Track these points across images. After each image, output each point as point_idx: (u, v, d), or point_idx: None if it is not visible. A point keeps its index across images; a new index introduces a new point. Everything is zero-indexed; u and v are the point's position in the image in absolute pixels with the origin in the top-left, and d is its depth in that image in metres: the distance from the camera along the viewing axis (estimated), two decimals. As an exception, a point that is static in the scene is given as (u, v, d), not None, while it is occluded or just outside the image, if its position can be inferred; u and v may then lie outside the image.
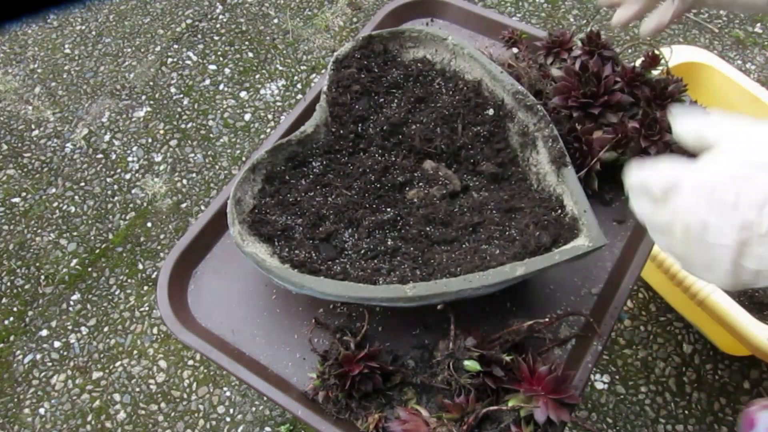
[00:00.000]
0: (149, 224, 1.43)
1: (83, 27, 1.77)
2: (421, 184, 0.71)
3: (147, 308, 1.32)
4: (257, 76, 1.64)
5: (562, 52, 0.73)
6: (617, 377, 1.18)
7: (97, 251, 1.40)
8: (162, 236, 1.41)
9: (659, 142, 0.65)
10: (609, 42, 0.73)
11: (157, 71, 1.67)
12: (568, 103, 0.69)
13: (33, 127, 1.59)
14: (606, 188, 0.71)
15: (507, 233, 0.64)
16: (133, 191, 1.48)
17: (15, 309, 1.34)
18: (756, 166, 0.36)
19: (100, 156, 1.53)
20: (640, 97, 0.68)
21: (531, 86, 0.73)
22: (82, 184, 1.49)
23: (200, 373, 1.24)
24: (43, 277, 1.37)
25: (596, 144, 0.67)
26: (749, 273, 0.37)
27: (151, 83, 1.65)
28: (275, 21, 1.75)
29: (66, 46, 1.74)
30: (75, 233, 1.42)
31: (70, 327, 1.31)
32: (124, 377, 1.25)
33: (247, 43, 1.71)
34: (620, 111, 0.68)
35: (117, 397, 1.23)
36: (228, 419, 1.19)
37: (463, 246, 0.64)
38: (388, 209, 0.69)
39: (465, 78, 0.74)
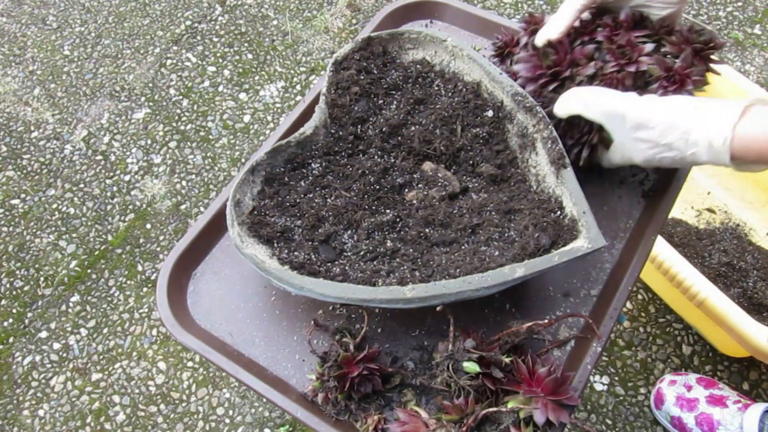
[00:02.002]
0: (148, 226, 1.43)
1: (82, 29, 1.77)
2: (420, 185, 0.71)
3: (146, 310, 1.32)
4: (256, 78, 1.65)
5: (512, 50, 0.72)
6: (616, 378, 1.18)
7: (97, 253, 1.40)
8: (161, 238, 1.41)
9: (635, 60, 0.64)
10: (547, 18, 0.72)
11: (156, 73, 1.67)
12: (540, 82, 0.67)
13: (32, 128, 1.59)
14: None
15: (506, 235, 0.64)
16: (132, 193, 1.48)
17: (14, 311, 1.34)
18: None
19: (99, 157, 1.53)
20: (602, 39, 0.67)
21: None
22: (82, 185, 1.49)
23: (200, 375, 1.24)
24: (42, 278, 1.37)
25: None
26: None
27: (150, 85, 1.65)
28: (274, 22, 1.75)
29: (65, 47, 1.74)
30: (74, 235, 1.42)
31: (69, 328, 1.31)
32: (123, 379, 1.25)
33: (246, 44, 1.71)
34: (591, 61, 0.66)
35: (116, 398, 1.23)
36: (227, 421, 1.19)
37: (463, 247, 0.64)
38: (388, 211, 0.69)
39: (464, 79, 0.74)
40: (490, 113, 0.71)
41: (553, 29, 0.66)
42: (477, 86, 0.73)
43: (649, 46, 0.64)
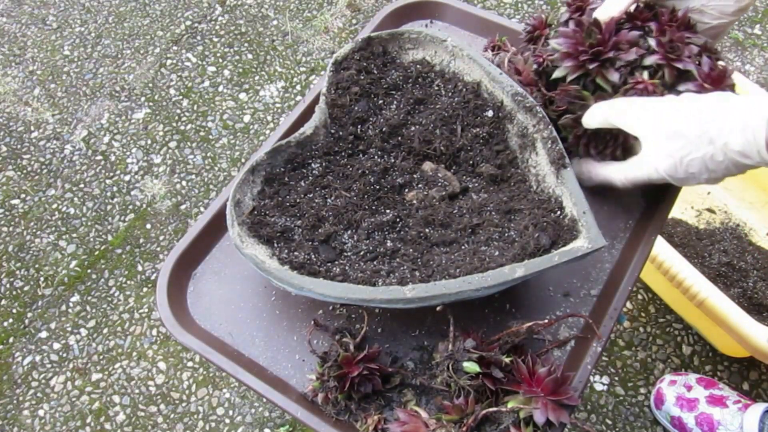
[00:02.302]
0: (148, 226, 1.43)
1: (82, 29, 1.77)
2: (420, 185, 0.71)
3: (146, 310, 1.32)
4: (256, 78, 1.64)
5: (542, 32, 0.73)
6: (616, 378, 1.18)
7: (97, 253, 1.40)
8: (161, 238, 1.41)
9: (683, 57, 0.63)
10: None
11: (156, 73, 1.67)
12: (581, 59, 0.65)
13: (32, 128, 1.59)
14: None
15: (506, 235, 0.64)
16: (132, 193, 1.48)
17: (14, 311, 1.34)
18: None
19: (99, 158, 1.53)
20: (653, 29, 0.65)
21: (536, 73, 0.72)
22: (82, 185, 1.49)
23: (200, 375, 1.24)
24: (42, 278, 1.37)
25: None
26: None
27: (150, 85, 1.65)
28: (274, 22, 1.75)
29: (65, 47, 1.74)
30: (74, 235, 1.42)
31: (69, 329, 1.31)
32: (123, 379, 1.25)
33: (246, 44, 1.71)
34: (633, 47, 0.65)
35: (116, 398, 1.23)
36: (227, 421, 1.19)
37: (463, 247, 0.64)
38: (388, 211, 0.69)
39: (464, 79, 0.74)
40: (490, 113, 0.71)
41: (614, 8, 0.65)
42: (477, 86, 0.73)
43: (694, 48, 0.63)
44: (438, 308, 0.58)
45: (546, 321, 0.64)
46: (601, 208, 0.72)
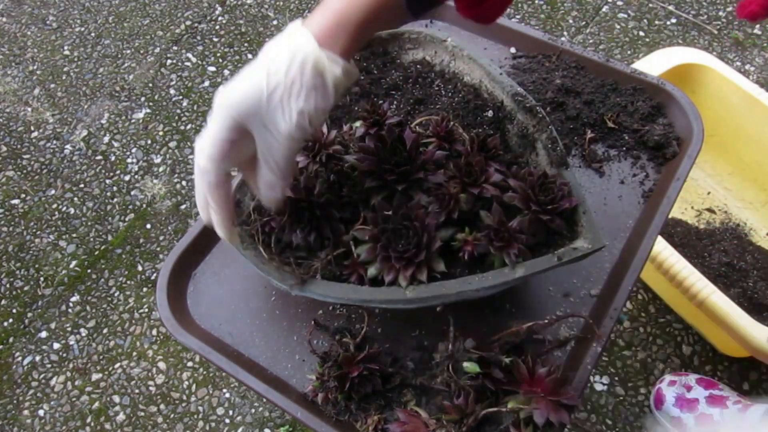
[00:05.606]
0: (148, 226, 1.43)
1: (82, 29, 1.77)
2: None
3: (146, 310, 1.32)
4: (257, 78, 1.65)
5: (326, 147, 0.64)
6: (617, 378, 1.18)
7: (97, 253, 1.40)
8: (161, 238, 1.41)
9: (483, 183, 0.59)
10: (389, 111, 0.66)
11: (156, 73, 1.67)
12: (387, 178, 0.59)
13: (32, 128, 1.59)
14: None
15: (506, 235, 0.64)
16: (132, 193, 1.48)
17: (14, 311, 1.34)
18: None
19: (99, 157, 1.53)
20: (461, 151, 0.61)
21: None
22: (82, 185, 1.49)
23: (200, 375, 1.24)
24: (42, 278, 1.37)
25: (429, 221, 0.57)
26: None
27: (150, 85, 1.65)
28: (274, 22, 1.75)
29: (65, 47, 1.74)
30: (74, 235, 1.42)
31: (69, 328, 1.31)
32: (123, 379, 1.25)
33: (246, 44, 1.71)
34: (440, 169, 0.61)
35: (116, 398, 1.23)
36: (227, 421, 1.19)
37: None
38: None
39: (464, 80, 0.74)
40: (490, 113, 0.71)
41: None
42: (477, 86, 0.73)
43: (497, 176, 0.59)
44: (438, 309, 0.58)
45: (546, 321, 0.64)
46: (601, 208, 0.72)
